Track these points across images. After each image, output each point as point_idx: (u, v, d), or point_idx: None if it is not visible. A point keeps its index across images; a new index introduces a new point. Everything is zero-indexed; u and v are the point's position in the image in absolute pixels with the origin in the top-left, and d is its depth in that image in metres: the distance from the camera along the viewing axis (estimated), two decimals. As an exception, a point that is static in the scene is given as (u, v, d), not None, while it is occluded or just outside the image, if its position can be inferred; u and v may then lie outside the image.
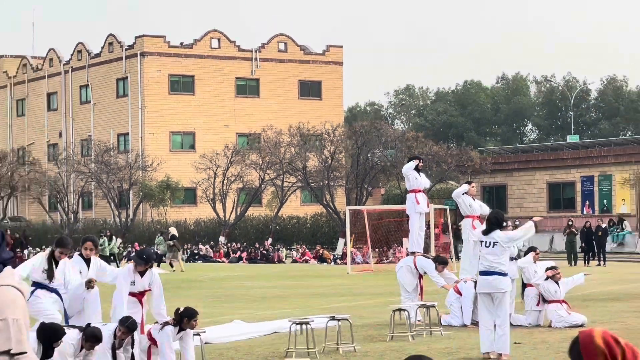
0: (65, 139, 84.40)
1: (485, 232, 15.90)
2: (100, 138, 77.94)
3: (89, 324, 13.16)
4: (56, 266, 13.57)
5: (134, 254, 16.14)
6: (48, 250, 13.99)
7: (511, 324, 17.29)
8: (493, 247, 15.77)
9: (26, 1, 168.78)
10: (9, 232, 58.16)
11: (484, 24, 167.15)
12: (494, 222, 15.96)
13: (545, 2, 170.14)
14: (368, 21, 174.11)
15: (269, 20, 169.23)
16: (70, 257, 13.99)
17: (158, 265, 40.81)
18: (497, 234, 15.76)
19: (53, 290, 13.60)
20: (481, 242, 16.03)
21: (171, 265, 47.09)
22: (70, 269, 13.72)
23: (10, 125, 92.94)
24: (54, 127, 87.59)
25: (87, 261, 14.05)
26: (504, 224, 16.11)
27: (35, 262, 13.93)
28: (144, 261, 14.02)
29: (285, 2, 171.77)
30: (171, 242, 49.39)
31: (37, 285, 13.59)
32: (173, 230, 51.50)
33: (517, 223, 53.58)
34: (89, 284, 13.59)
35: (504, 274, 15.96)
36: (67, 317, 13.92)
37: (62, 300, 13.85)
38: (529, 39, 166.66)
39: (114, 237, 54.16)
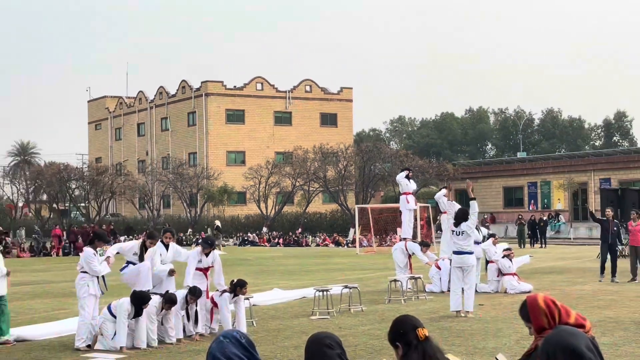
0: (150, 156, 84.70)
1: (456, 225, 15.89)
2: (176, 156, 78.14)
3: (167, 291, 13.20)
4: (145, 251, 13.63)
5: (201, 240, 16.12)
6: (141, 240, 14.04)
7: (477, 291, 17.26)
8: (462, 235, 15.76)
9: (122, 56, 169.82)
10: (112, 225, 58.31)
11: (456, 70, 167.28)
12: (461, 217, 15.91)
13: (502, 53, 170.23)
14: (371, 69, 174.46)
15: (299, 68, 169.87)
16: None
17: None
18: (463, 225, 15.75)
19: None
20: (452, 231, 16.03)
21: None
22: (157, 254, 13.75)
23: (110, 147, 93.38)
24: (142, 148, 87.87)
25: (167, 246, 14.08)
26: (469, 217, 16.01)
27: (126, 246, 13.98)
28: (209, 245, 14.03)
29: (311, 55, 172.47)
30: (214, 232, 49.29)
31: (130, 263, 13.66)
32: (217, 222, 51.41)
33: (485, 217, 53.63)
34: (172, 273, 13.63)
35: (471, 253, 15.94)
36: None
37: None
38: (490, 81, 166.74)
39: None
